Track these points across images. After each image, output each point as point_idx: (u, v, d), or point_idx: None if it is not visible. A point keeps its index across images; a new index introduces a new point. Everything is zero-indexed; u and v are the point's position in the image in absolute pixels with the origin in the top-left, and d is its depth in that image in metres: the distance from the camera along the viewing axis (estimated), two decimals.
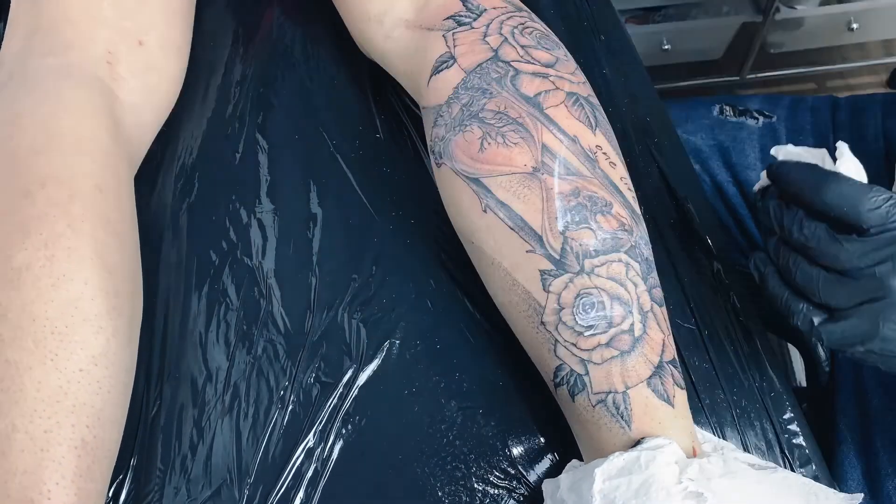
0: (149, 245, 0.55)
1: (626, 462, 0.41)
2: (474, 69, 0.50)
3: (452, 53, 0.51)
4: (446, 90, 0.50)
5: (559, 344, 0.45)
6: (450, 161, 0.49)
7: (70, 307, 0.43)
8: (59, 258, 0.43)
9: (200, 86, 0.64)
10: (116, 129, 0.51)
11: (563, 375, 0.45)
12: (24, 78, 0.49)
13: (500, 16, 0.52)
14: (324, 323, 0.54)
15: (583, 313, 0.44)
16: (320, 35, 0.66)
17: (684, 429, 0.44)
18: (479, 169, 0.48)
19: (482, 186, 0.47)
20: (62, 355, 0.42)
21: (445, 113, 0.50)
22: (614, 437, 0.43)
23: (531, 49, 0.50)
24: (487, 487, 0.50)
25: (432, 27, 0.53)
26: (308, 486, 0.49)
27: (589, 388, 0.44)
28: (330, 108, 0.63)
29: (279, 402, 0.52)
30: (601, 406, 0.44)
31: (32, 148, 0.46)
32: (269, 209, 0.58)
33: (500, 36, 0.51)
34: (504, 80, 0.49)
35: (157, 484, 0.49)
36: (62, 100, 0.49)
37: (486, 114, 0.48)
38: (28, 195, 0.44)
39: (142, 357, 0.52)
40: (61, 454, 0.41)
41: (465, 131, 0.48)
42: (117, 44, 0.53)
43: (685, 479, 0.39)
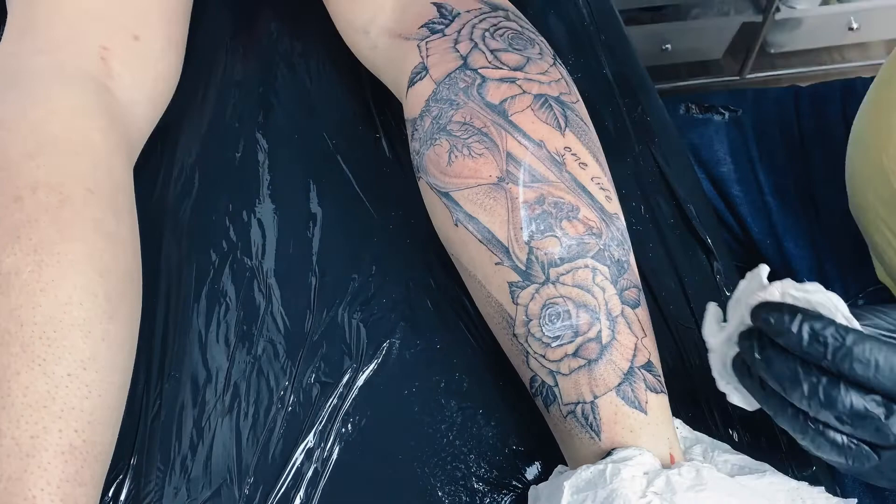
0: (149, 245, 0.55)
1: (592, 475, 0.40)
2: (443, 80, 0.49)
3: (425, 64, 0.51)
4: (419, 103, 0.50)
5: (530, 356, 0.45)
6: (424, 175, 0.49)
7: (58, 312, 0.42)
8: (48, 263, 0.43)
9: (200, 86, 0.64)
10: (110, 126, 0.50)
11: (536, 386, 0.45)
12: (16, 79, 0.49)
13: (472, 19, 0.51)
14: (324, 323, 0.54)
15: (549, 324, 0.44)
16: (320, 35, 0.66)
17: (659, 436, 0.43)
18: (447, 183, 0.47)
19: (451, 200, 0.47)
20: (50, 360, 0.41)
21: (419, 127, 0.50)
22: (586, 448, 0.43)
23: (501, 52, 0.49)
24: (487, 487, 0.50)
25: (409, 36, 0.52)
26: (308, 486, 0.49)
27: (559, 399, 0.44)
28: (330, 108, 0.63)
29: (279, 402, 0.52)
30: (571, 417, 0.44)
31: (23, 152, 0.45)
32: (269, 209, 0.58)
33: (471, 42, 0.50)
34: (471, 90, 0.48)
35: (156, 484, 0.49)
36: (53, 101, 0.48)
37: (454, 126, 0.48)
38: (18, 200, 0.44)
39: (142, 357, 0.52)
40: (47, 460, 0.40)
41: (434, 145, 0.48)
42: (112, 39, 0.53)
43: (650, 493, 0.38)
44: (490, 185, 0.46)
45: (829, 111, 0.74)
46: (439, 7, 0.52)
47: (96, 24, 0.52)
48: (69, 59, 0.51)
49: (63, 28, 0.51)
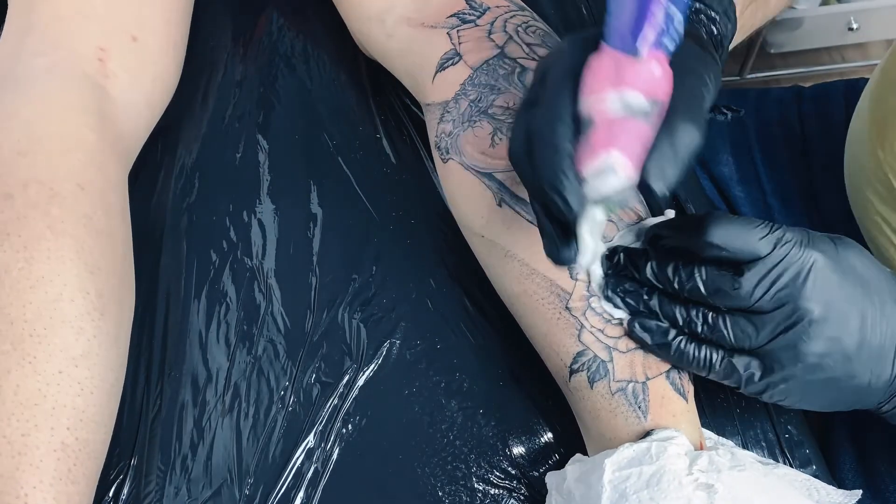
0: (149, 245, 0.55)
1: (636, 452, 0.41)
2: (481, 66, 0.50)
3: (458, 50, 0.52)
4: (452, 86, 0.51)
5: (585, 329, 0.45)
6: (458, 156, 0.50)
7: (49, 309, 0.42)
8: (37, 260, 0.43)
9: (200, 86, 0.64)
10: (105, 126, 0.50)
11: (584, 361, 0.45)
12: (12, 79, 0.49)
13: (503, 14, 0.53)
14: (324, 323, 0.54)
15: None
16: (320, 35, 0.66)
17: (694, 423, 0.44)
18: (491, 164, 0.48)
19: (496, 181, 0.48)
20: (41, 357, 0.41)
21: (453, 109, 0.50)
22: (629, 427, 0.44)
23: (536, 47, 0.51)
24: (487, 487, 0.50)
25: (435, 24, 0.53)
26: (308, 486, 0.49)
27: (611, 376, 0.44)
28: (330, 108, 0.63)
29: (279, 402, 0.52)
30: (620, 394, 0.44)
31: (15, 150, 0.45)
32: (269, 209, 0.58)
33: (505, 34, 0.51)
34: (512, 77, 0.50)
35: (157, 484, 0.49)
36: (48, 100, 0.48)
37: (496, 110, 0.49)
38: (8, 197, 0.44)
39: (142, 357, 0.52)
40: (39, 457, 0.40)
41: (474, 127, 0.49)
42: (109, 40, 0.53)
43: (696, 471, 0.39)
44: None
45: (832, 112, 0.74)
46: (468, 0, 0.53)
47: (94, 25, 0.52)
48: (66, 60, 0.51)
49: (61, 29, 0.52)
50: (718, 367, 0.43)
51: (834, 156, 0.67)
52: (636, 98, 0.36)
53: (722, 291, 0.41)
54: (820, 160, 0.72)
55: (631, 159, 0.36)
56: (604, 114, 0.36)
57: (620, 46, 0.36)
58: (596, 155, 0.36)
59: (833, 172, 0.67)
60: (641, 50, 0.36)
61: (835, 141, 0.69)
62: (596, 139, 0.36)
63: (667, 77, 0.37)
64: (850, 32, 1.50)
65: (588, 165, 0.37)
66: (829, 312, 0.40)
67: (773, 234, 0.40)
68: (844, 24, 1.49)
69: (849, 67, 1.66)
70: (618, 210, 0.44)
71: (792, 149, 0.74)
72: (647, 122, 0.36)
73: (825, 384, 0.42)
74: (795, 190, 0.73)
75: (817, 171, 0.72)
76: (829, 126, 0.73)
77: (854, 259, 0.42)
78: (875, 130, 0.56)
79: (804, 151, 0.74)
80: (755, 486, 0.40)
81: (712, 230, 0.41)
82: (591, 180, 0.37)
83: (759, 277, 0.40)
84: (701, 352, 0.43)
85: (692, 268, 0.42)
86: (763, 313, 0.41)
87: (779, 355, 0.41)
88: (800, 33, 1.51)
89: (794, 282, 0.40)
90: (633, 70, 0.36)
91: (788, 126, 0.75)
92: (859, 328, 0.41)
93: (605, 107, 0.36)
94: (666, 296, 0.44)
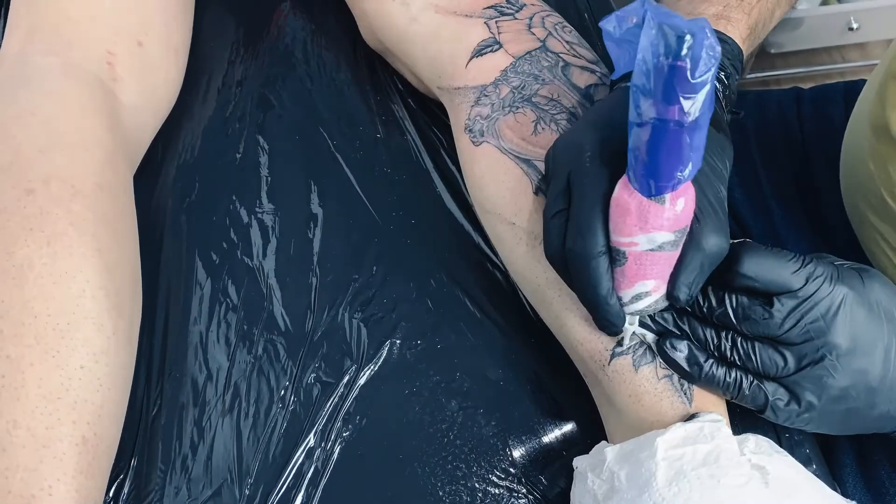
0: (149, 245, 0.55)
1: (688, 432, 0.41)
2: (524, 56, 0.51)
3: (497, 39, 0.52)
4: (492, 72, 0.51)
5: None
6: (495, 139, 0.50)
7: (72, 304, 0.43)
8: (60, 255, 0.43)
9: (200, 86, 0.64)
10: (116, 127, 0.51)
11: (630, 344, 0.45)
12: (26, 76, 0.49)
13: (540, 11, 0.54)
14: (324, 323, 0.54)
15: None
16: (321, 35, 0.66)
17: (727, 412, 0.45)
18: (530, 151, 0.49)
19: (534, 168, 0.48)
20: (64, 352, 0.42)
21: (492, 93, 0.51)
22: (674, 410, 0.44)
23: (575, 45, 0.53)
24: (488, 487, 0.50)
25: (471, 14, 0.54)
26: (308, 486, 0.49)
27: (658, 361, 0.44)
28: (330, 108, 0.63)
29: (280, 402, 0.52)
30: (666, 380, 0.44)
31: (36, 146, 0.46)
32: (270, 209, 0.58)
33: (545, 29, 0.53)
34: (555, 70, 0.51)
35: (157, 484, 0.49)
36: (65, 98, 0.49)
37: (539, 99, 0.50)
38: (31, 192, 0.44)
39: (142, 357, 0.52)
40: (62, 450, 0.41)
41: (516, 113, 0.50)
42: (117, 44, 0.53)
43: (747, 452, 0.40)
44: None
45: (832, 113, 0.73)
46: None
47: (102, 29, 0.53)
48: (79, 61, 0.51)
49: (71, 31, 0.52)
50: (748, 391, 0.43)
51: (833, 158, 0.67)
52: (665, 236, 0.38)
53: (752, 320, 0.41)
54: (819, 162, 0.72)
55: (662, 280, 0.40)
56: (635, 252, 0.39)
57: (647, 193, 0.37)
58: (631, 284, 0.41)
59: (833, 174, 0.67)
60: (667, 198, 0.37)
61: (834, 143, 0.68)
62: (629, 271, 0.40)
63: (690, 203, 0.38)
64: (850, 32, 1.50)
65: (625, 292, 0.41)
66: (856, 347, 0.41)
67: (805, 269, 0.41)
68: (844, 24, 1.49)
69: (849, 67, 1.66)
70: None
71: (792, 150, 0.74)
72: (674, 248, 0.39)
73: (847, 413, 0.43)
74: (795, 192, 0.73)
75: (817, 172, 0.72)
76: (829, 128, 0.73)
77: (879, 291, 0.42)
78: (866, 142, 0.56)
79: (804, 153, 0.73)
80: (799, 471, 0.40)
81: (745, 262, 0.41)
82: (629, 302, 0.42)
83: (789, 310, 0.41)
84: (731, 375, 0.43)
85: (723, 294, 0.42)
86: (791, 344, 0.41)
87: (805, 385, 0.42)
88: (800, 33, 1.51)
89: (825, 317, 0.41)
90: (657, 214, 0.37)
91: (788, 128, 0.75)
92: (883, 361, 0.42)
93: (636, 248, 0.39)
94: (696, 318, 0.44)
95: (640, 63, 0.33)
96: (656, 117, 0.34)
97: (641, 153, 0.35)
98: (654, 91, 0.33)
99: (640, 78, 0.33)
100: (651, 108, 0.34)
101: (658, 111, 0.33)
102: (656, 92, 0.33)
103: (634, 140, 0.36)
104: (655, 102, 0.33)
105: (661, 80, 0.32)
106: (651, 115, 0.34)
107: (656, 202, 0.37)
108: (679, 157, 0.35)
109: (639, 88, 0.34)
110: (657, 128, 0.34)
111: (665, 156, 0.35)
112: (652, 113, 0.34)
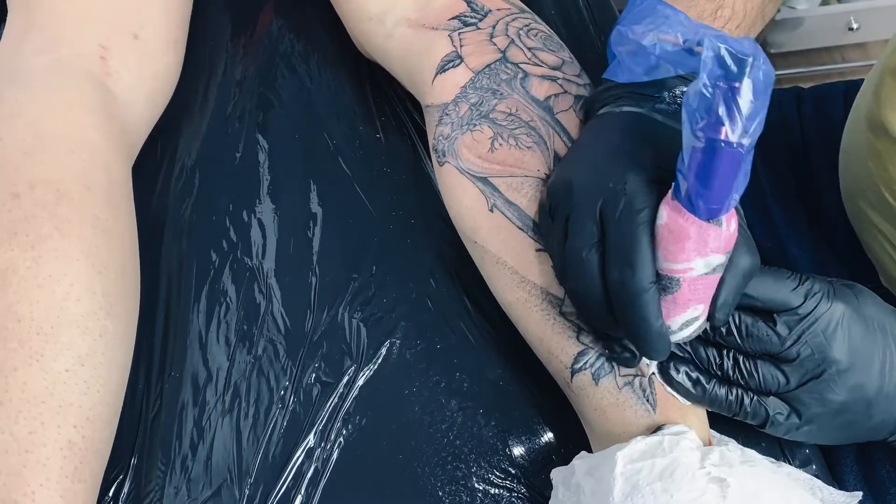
0: (149, 245, 0.55)
1: (648, 446, 0.41)
2: (483, 69, 0.50)
3: (459, 53, 0.51)
4: (453, 89, 0.51)
5: (583, 331, 0.45)
6: (455, 159, 0.49)
7: (55, 308, 0.42)
8: (45, 259, 0.43)
9: (200, 86, 0.64)
10: (109, 124, 0.50)
11: (587, 360, 0.45)
12: (15, 77, 0.49)
13: (505, 17, 0.53)
14: (324, 323, 0.54)
15: None
16: (320, 35, 0.66)
17: (701, 417, 0.45)
18: (486, 168, 0.48)
19: (490, 186, 0.48)
20: (48, 356, 0.42)
21: (452, 111, 0.50)
22: (638, 420, 0.44)
23: (538, 51, 0.51)
24: (487, 487, 0.50)
25: (436, 26, 0.53)
26: (308, 486, 0.49)
27: (616, 371, 0.44)
28: (330, 108, 0.63)
29: (279, 402, 0.52)
30: (628, 388, 0.44)
31: (22, 149, 0.46)
32: (269, 209, 0.58)
33: (507, 37, 0.51)
34: (514, 82, 0.49)
35: (157, 484, 0.49)
36: (52, 99, 0.48)
37: (497, 115, 0.49)
38: (16, 196, 0.44)
39: (142, 357, 0.52)
40: (46, 455, 0.40)
41: (473, 130, 0.49)
42: (110, 38, 0.53)
43: (708, 465, 0.40)
44: (537, 179, 0.47)
45: (832, 113, 0.73)
46: (469, 2, 0.53)
47: (95, 24, 0.53)
48: (68, 58, 0.51)
49: (62, 27, 0.52)
50: (749, 408, 0.44)
51: (833, 157, 0.66)
52: (719, 258, 0.38)
53: (755, 338, 0.42)
54: (819, 161, 0.72)
55: (706, 304, 0.40)
56: (689, 278, 0.39)
57: (705, 216, 0.37)
58: (682, 311, 0.40)
59: (832, 174, 0.67)
60: (723, 220, 0.37)
61: (834, 142, 0.68)
62: (681, 298, 0.39)
63: (736, 222, 0.38)
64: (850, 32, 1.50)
65: (675, 320, 0.40)
66: (855, 361, 0.42)
67: (804, 286, 0.42)
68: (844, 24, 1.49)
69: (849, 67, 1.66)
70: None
71: (792, 150, 0.74)
72: (723, 270, 0.39)
73: (844, 425, 0.44)
74: (795, 191, 0.72)
75: (816, 171, 0.72)
76: (829, 127, 0.73)
77: (871, 307, 0.43)
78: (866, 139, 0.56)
79: (804, 152, 0.73)
80: (765, 481, 0.40)
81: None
82: (677, 330, 0.41)
83: (790, 328, 0.42)
84: (733, 394, 0.44)
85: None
86: (792, 361, 0.42)
87: (805, 400, 0.43)
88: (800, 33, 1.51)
89: (825, 333, 0.41)
90: (716, 236, 0.37)
91: (788, 127, 0.75)
92: (879, 373, 0.43)
93: (691, 274, 0.38)
94: (698, 339, 0.44)
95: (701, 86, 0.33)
96: (721, 139, 0.34)
97: (698, 173, 0.35)
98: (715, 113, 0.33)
99: (698, 100, 0.34)
100: (712, 131, 0.34)
101: (721, 133, 0.34)
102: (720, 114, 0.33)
103: (691, 162, 0.35)
104: (718, 125, 0.34)
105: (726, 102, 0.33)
106: (713, 136, 0.34)
107: (714, 225, 0.37)
108: (736, 178, 0.36)
109: (696, 111, 0.34)
110: (719, 150, 0.34)
111: (725, 178, 0.35)
112: (714, 135, 0.34)
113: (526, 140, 0.48)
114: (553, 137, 0.48)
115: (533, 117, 0.48)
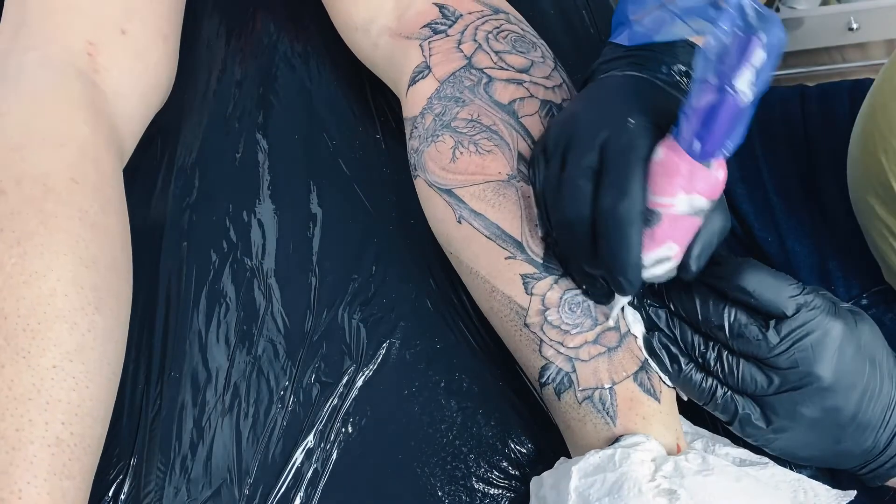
0: (149, 245, 0.55)
1: (601, 459, 0.41)
2: (448, 78, 0.50)
3: (428, 63, 0.51)
4: (421, 101, 0.51)
5: (545, 343, 0.45)
6: (423, 173, 0.50)
7: (42, 304, 0.42)
8: (31, 255, 0.43)
9: (200, 86, 0.64)
10: (97, 120, 0.50)
11: (549, 374, 0.45)
12: (6, 75, 0.49)
13: (475, 21, 0.52)
14: (324, 323, 0.54)
15: (569, 312, 0.45)
16: (320, 35, 0.66)
17: (669, 425, 0.44)
18: (450, 180, 0.48)
19: (455, 197, 0.48)
20: (34, 352, 0.42)
21: (419, 124, 0.50)
22: (598, 433, 0.44)
23: (505, 54, 0.50)
24: (487, 487, 0.50)
25: (410, 35, 0.53)
26: (308, 486, 0.49)
27: (576, 385, 0.45)
28: (330, 108, 0.63)
29: (279, 402, 0.52)
30: (587, 402, 0.44)
31: (8, 145, 0.45)
32: (269, 209, 0.58)
33: (474, 42, 0.51)
34: (477, 88, 0.49)
35: (157, 484, 0.49)
36: (41, 95, 0.48)
37: (459, 123, 0.48)
38: (2, 193, 0.44)
39: (142, 357, 0.52)
40: (33, 452, 0.40)
41: (436, 142, 0.49)
42: (98, 34, 0.53)
43: (659, 477, 0.40)
44: (499, 183, 0.47)
45: (836, 110, 0.73)
46: (441, 8, 0.53)
47: (83, 20, 0.52)
48: (57, 54, 0.51)
49: (51, 24, 0.52)
50: (720, 400, 0.44)
51: (837, 155, 0.66)
52: (702, 201, 0.40)
53: (744, 338, 0.42)
54: (823, 159, 0.72)
55: (681, 249, 0.41)
56: (671, 213, 0.40)
57: (698, 157, 0.39)
58: (658, 245, 0.41)
59: (836, 172, 0.67)
60: (714, 164, 0.39)
61: (838, 140, 0.68)
62: (659, 232, 0.40)
63: (725, 177, 0.40)
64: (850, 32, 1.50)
65: (649, 254, 0.41)
66: (838, 383, 0.42)
67: (804, 296, 0.42)
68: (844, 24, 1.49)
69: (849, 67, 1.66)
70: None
71: (795, 147, 0.74)
72: (702, 218, 0.41)
73: (810, 443, 0.44)
74: (798, 188, 0.72)
75: (820, 169, 0.72)
76: (833, 125, 0.72)
77: (867, 334, 0.43)
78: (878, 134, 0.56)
79: (807, 150, 0.73)
80: (722, 490, 0.40)
81: (748, 276, 0.42)
82: (649, 266, 0.41)
83: (782, 335, 0.41)
84: (707, 382, 0.44)
85: (723, 307, 0.43)
86: (776, 368, 0.42)
87: (778, 409, 0.43)
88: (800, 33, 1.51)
89: (814, 347, 0.41)
90: (705, 177, 0.39)
91: (791, 124, 0.75)
92: (857, 402, 0.42)
93: (674, 209, 0.40)
94: (688, 324, 0.44)
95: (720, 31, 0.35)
96: (728, 84, 0.36)
97: (701, 115, 0.37)
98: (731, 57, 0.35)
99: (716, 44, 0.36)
100: (724, 75, 0.36)
101: (730, 79, 0.36)
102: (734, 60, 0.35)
103: (696, 100, 0.37)
104: (729, 70, 0.35)
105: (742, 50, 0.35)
106: (722, 80, 0.36)
107: (705, 167, 0.39)
108: (734, 127, 0.37)
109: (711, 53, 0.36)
110: (725, 94, 0.36)
111: (724, 122, 0.37)
112: (723, 79, 0.36)
113: (486, 144, 0.47)
114: (517, 140, 0.48)
115: (495, 121, 0.48)
